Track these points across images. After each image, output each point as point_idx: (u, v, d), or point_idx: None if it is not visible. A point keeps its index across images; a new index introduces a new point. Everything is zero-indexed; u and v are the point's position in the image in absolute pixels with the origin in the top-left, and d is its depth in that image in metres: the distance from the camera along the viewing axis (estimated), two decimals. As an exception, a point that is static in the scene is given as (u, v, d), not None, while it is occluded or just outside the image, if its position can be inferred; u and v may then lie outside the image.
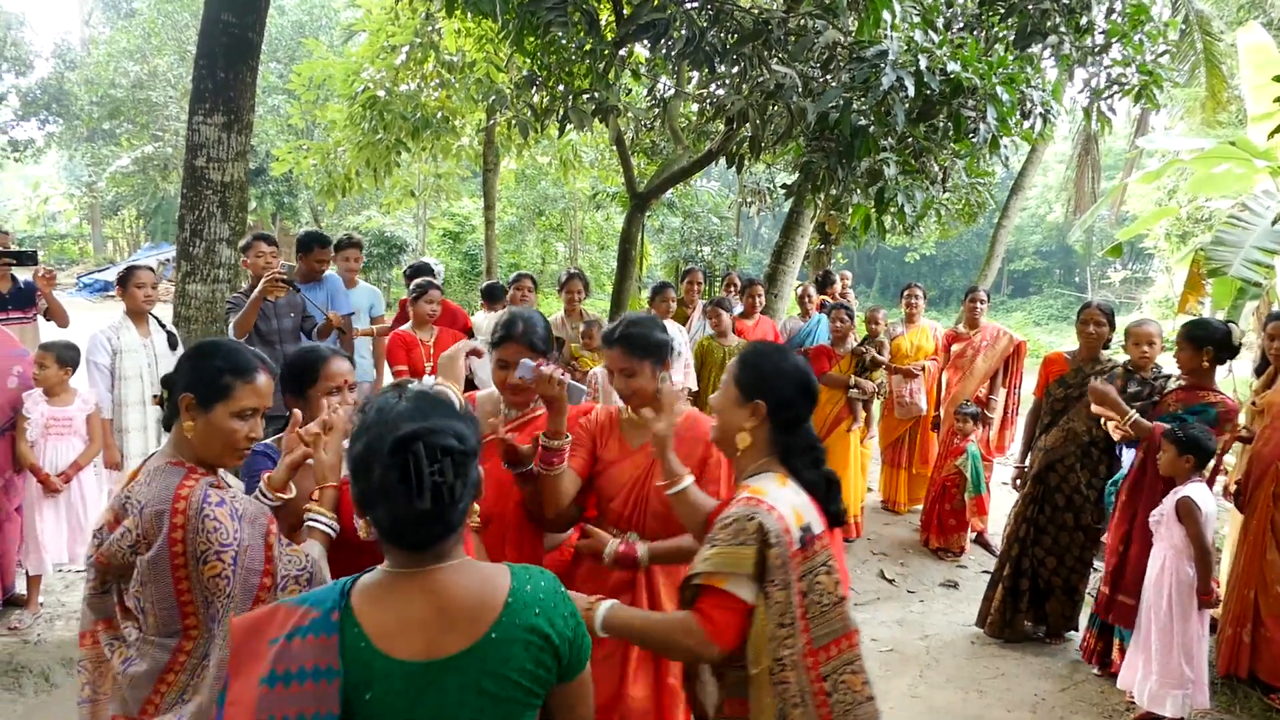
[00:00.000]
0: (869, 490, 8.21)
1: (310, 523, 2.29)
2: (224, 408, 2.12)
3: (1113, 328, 5.27)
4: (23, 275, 5.87)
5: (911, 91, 5.00)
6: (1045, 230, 44.82)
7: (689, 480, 2.52)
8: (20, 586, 5.08)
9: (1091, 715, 4.52)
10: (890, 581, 6.45)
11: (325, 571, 2.19)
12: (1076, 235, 23.10)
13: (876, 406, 7.78)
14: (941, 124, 5.88)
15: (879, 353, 7.24)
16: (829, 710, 2.15)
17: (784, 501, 2.17)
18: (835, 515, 2.31)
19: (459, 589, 1.56)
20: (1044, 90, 5.88)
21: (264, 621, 1.53)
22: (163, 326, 5.40)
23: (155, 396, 2.12)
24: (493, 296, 7.48)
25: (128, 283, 5.24)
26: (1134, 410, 4.59)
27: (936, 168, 6.61)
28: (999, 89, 5.26)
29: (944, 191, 7.59)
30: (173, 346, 5.34)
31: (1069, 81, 7.07)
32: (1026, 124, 6.10)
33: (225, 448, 2.16)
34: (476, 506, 2.71)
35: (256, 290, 5.28)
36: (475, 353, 2.80)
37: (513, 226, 27.85)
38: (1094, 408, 4.79)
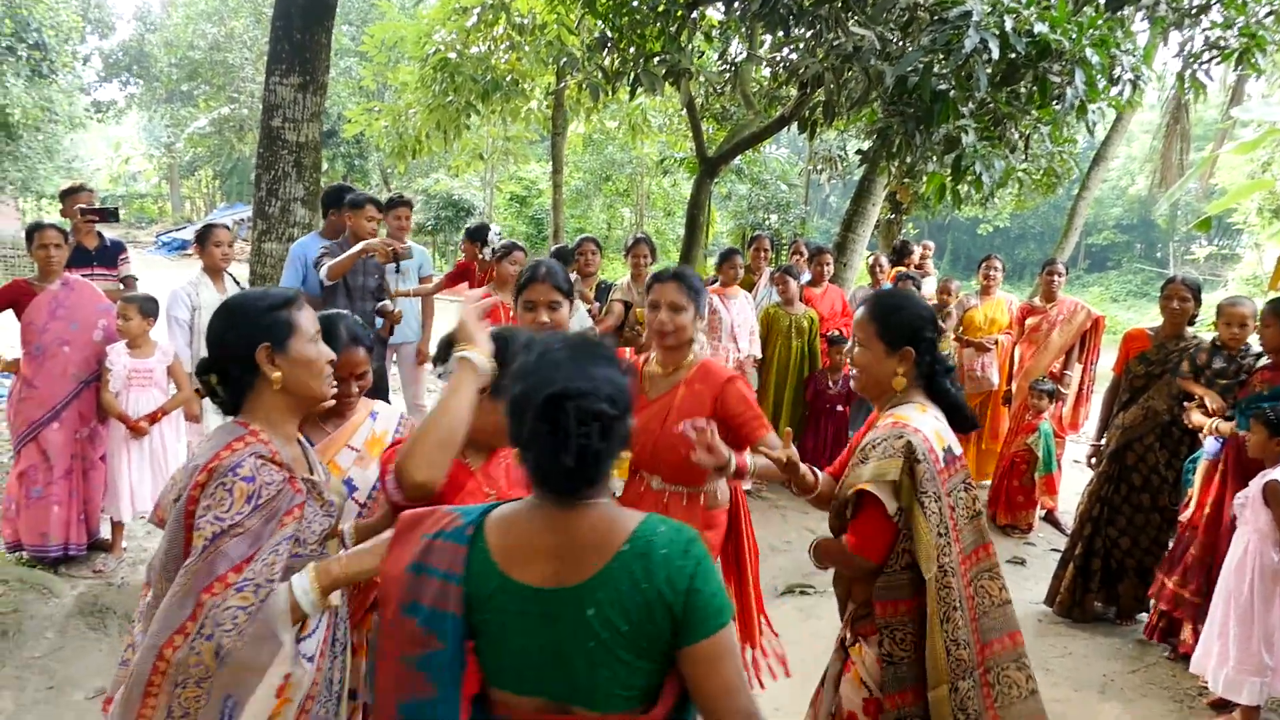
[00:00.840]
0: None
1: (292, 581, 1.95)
2: (296, 339, 2.03)
3: (1198, 304, 5.08)
4: (109, 233, 6.00)
5: (996, 54, 4.84)
6: (1127, 203, 43.45)
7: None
8: (105, 532, 5.25)
9: (1162, 698, 4.40)
10: (956, 557, 6.34)
11: (275, 620, 1.86)
12: (1161, 208, 22.39)
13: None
14: (1026, 89, 5.69)
15: (943, 323, 7.08)
16: (974, 610, 2.43)
17: (927, 426, 2.41)
18: (970, 421, 2.59)
19: (586, 525, 1.60)
20: (1135, 54, 5.65)
21: (425, 516, 1.71)
22: (238, 284, 5.50)
23: (197, 390, 1.99)
24: (562, 259, 7.47)
25: (206, 240, 5.34)
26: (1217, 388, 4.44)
27: (1017, 135, 6.41)
28: (1089, 51, 5.06)
29: (1024, 160, 7.37)
30: None
31: (1162, 44, 6.79)
32: (1115, 90, 5.88)
33: (314, 376, 2.07)
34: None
35: (361, 246, 5.33)
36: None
37: (579, 191, 27.86)
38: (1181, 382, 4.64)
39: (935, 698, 2.34)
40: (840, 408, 7.21)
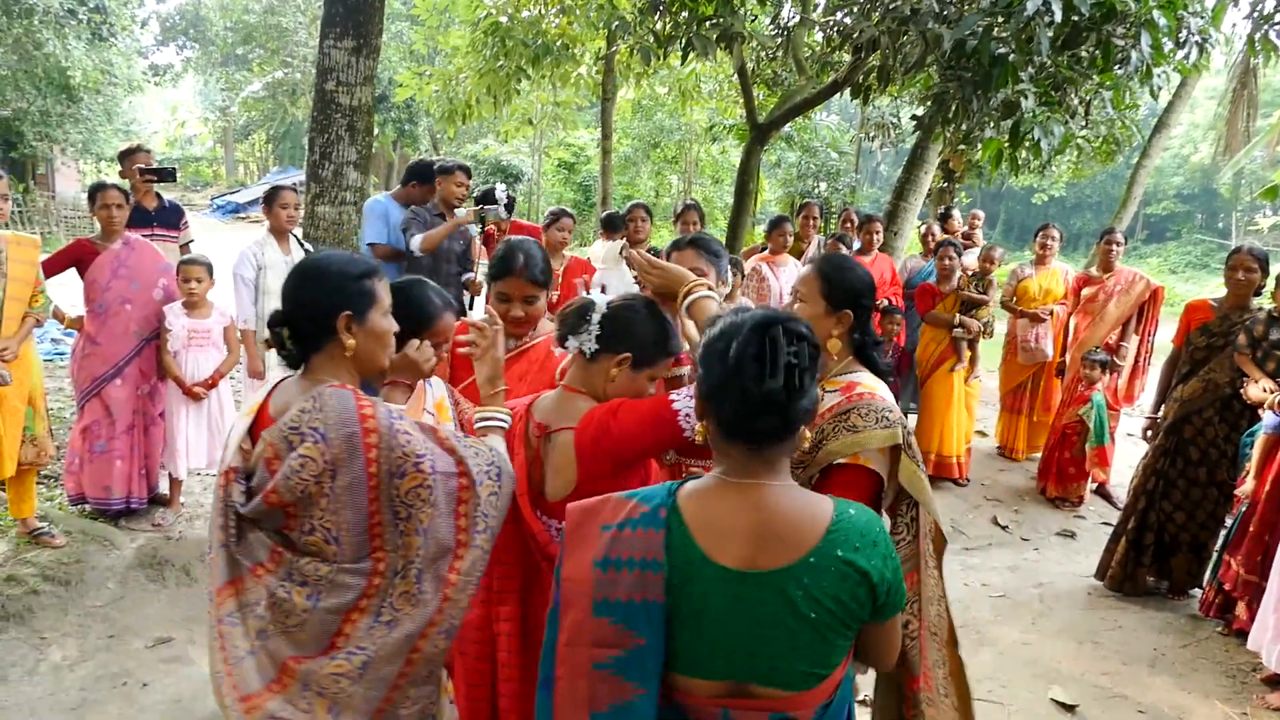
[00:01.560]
0: (981, 434, 8.00)
1: (484, 423, 2.22)
2: (374, 311, 2.07)
3: (1265, 275, 4.94)
4: (169, 195, 6.10)
5: (1059, 17, 4.73)
6: (1188, 172, 42.33)
7: None
8: (163, 487, 5.39)
9: (1214, 673, 4.35)
10: (1004, 528, 6.30)
11: (508, 461, 2.12)
12: (1225, 177, 21.77)
13: (987, 346, 7.51)
14: (1088, 52, 5.56)
15: (984, 291, 6.97)
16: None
17: (883, 391, 2.43)
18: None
19: (783, 508, 1.59)
20: (1203, 16, 5.49)
21: (598, 508, 1.67)
22: (302, 245, 5.58)
23: (266, 340, 1.96)
24: (612, 226, 7.46)
25: (272, 202, 5.41)
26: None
27: (1078, 101, 6.27)
28: (1155, 13, 4.93)
29: (1084, 126, 7.20)
30: None
31: (1232, 5, 6.58)
32: (1181, 53, 5.73)
33: (382, 348, 2.11)
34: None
35: (456, 221, 5.50)
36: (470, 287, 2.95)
37: (627, 158, 27.75)
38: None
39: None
40: (890, 380, 7.15)
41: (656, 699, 1.59)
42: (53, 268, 4.93)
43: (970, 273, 7.09)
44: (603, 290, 2.93)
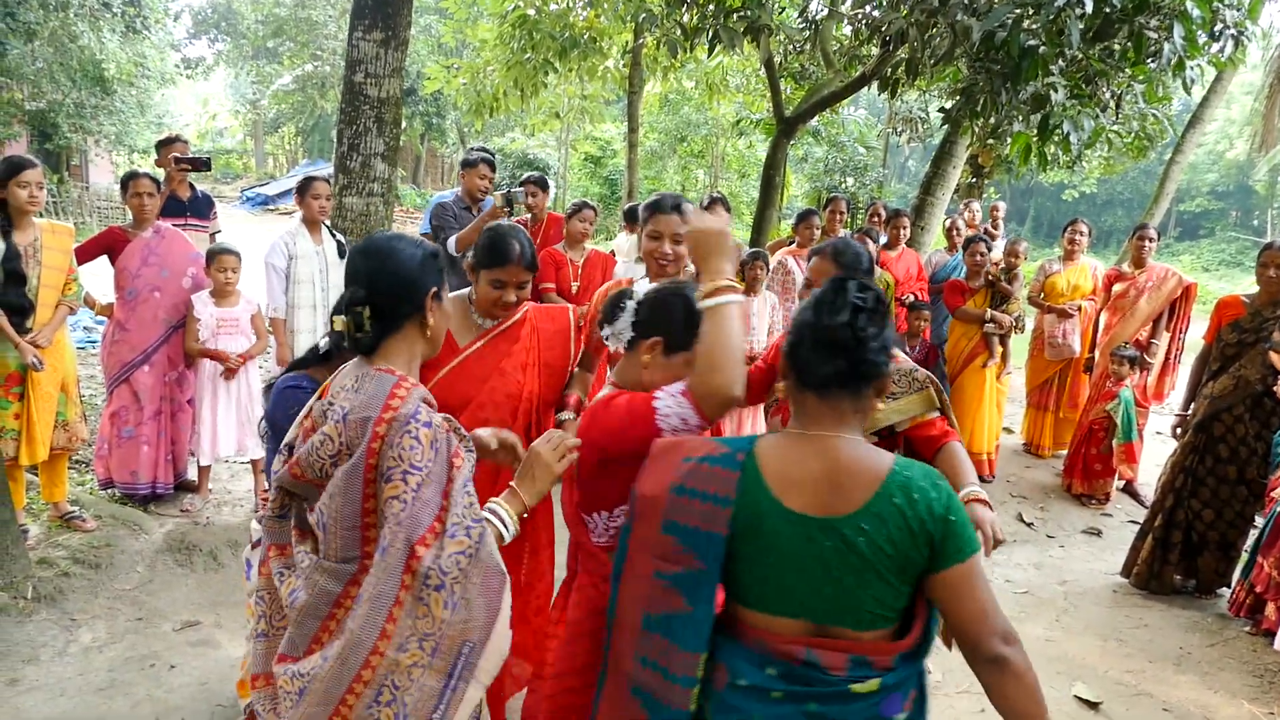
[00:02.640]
0: (1008, 431, 7.95)
1: (489, 512, 2.01)
2: (445, 292, 2.09)
3: (1297, 271, 4.87)
4: (201, 186, 6.17)
5: (1089, 8, 4.69)
6: (1223, 168, 41.74)
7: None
8: (191, 473, 5.45)
9: (1241, 673, 4.31)
10: (1029, 525, 6.26)
11: (495, 554, 1.85)
12: (1260, 173, 21.46)
13: (1017, 342, 7.46)
14: (1120, 44, 5.50)
15: (1009, 284, 6.91)
16: None
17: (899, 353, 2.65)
18: None
19: (849, 458, 1.72)
20: (1239, 8, 5.41)
21: (682, 442, 1.88)
22: (334, 235, 5.63)
23: (344, 321, 1.81)
24: (634, 218, 7.46)
25: (305, 192, 5.47)
26: None
27: (1109, 94, 6.20)
28: (1189, 4, 4.86)
29: (1115, 120, 7.12)
30: (341, 255, 5.56)
31: (1268, -1, 6.49)
32: (1216, 46, 5.65)
33: (444, 330, 2.10)
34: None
35: (485, 215, 5.59)
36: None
37: (654, 152, 27.70)
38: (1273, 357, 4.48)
39: None
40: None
41: (709, 623, 1.74)
42: (84, 255, 5.00)
43: (997, 266, 7.03)
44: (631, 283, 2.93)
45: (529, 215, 5.92)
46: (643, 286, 2.38)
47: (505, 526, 1.99)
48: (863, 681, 1.68)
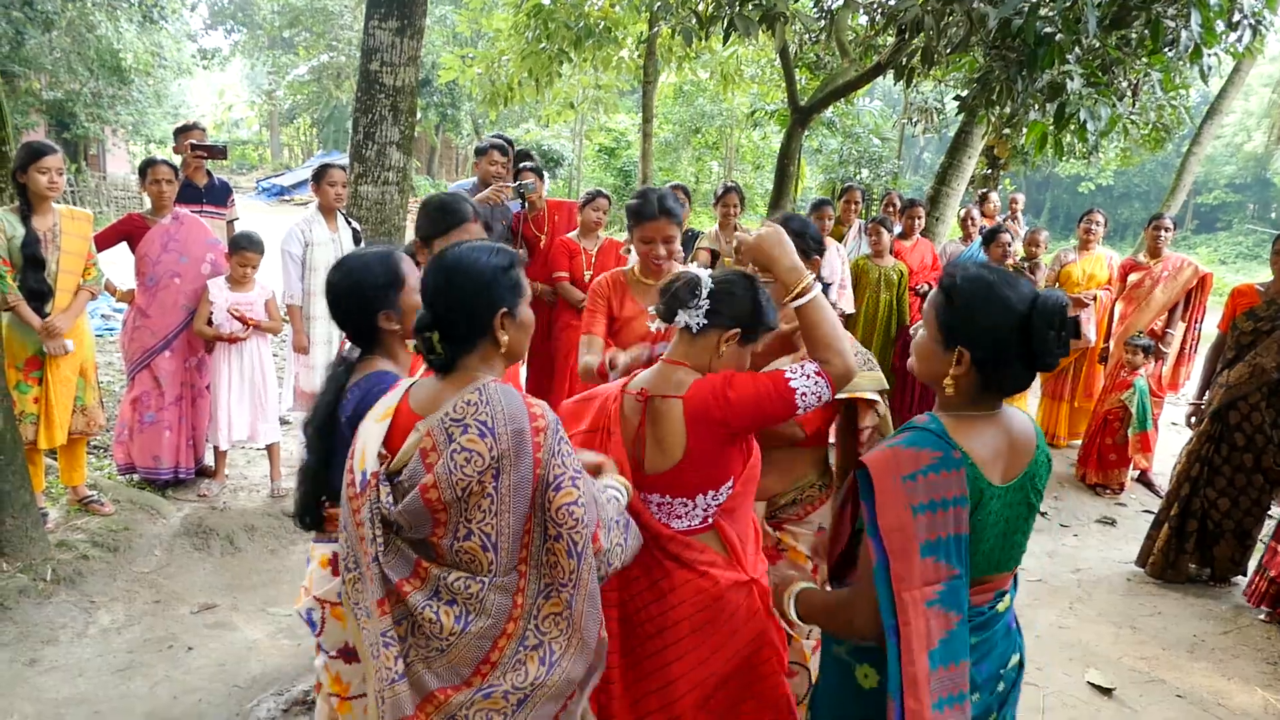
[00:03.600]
0: (1026, 422, 7.93)
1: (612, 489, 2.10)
2: (523, 302, 2.00)
3: (1313, 260, 4.85)
4: (219, 174, 6.21)
5: (1106, -5, 4.66)
6: (1241, 160, 41.39)
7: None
8: (208, 459, 5.50)
9: (1255, 660, 4.30)
10: (1043, 514, 6.25)
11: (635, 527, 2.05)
12: (1278, 164, 21.25)
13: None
14: (1137, 33, 5.46)
15: (1032, 274, 6.88)
16: None
17: None
18: None
19: (1018, 427, 1.93)
20: (1258, -2, 5.38)
21: (891, 461, 1.82)
22: (349, 223, 5.67)
23: (419, 346, 1.78)
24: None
25: (321, 179, 5.52)
26: None
27: (1126, 83, 6.16)
28: (1207, -8, 4.83)
29: (1132, 109, 7.08)
30: (356, 241, 5.62)
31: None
32: (1234, 36, 5.61)
33: (527, 337, 2.05)
34: None
35: (484, 194, 5.54)
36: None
37: (668, 143, 27.68)
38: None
39: None
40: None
41: (965, 622, 1.81)
42: (103, 242, 5.04)
43: (1014, 258, 7.01)
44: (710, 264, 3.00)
45: (519, 199, 5.93)
46: (706, 273, 2.35)
47: (623, 496, 2.11)
48: (1001, 601, 1.96)
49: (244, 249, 5.18)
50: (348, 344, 2.43)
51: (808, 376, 2.21)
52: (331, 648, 2.25)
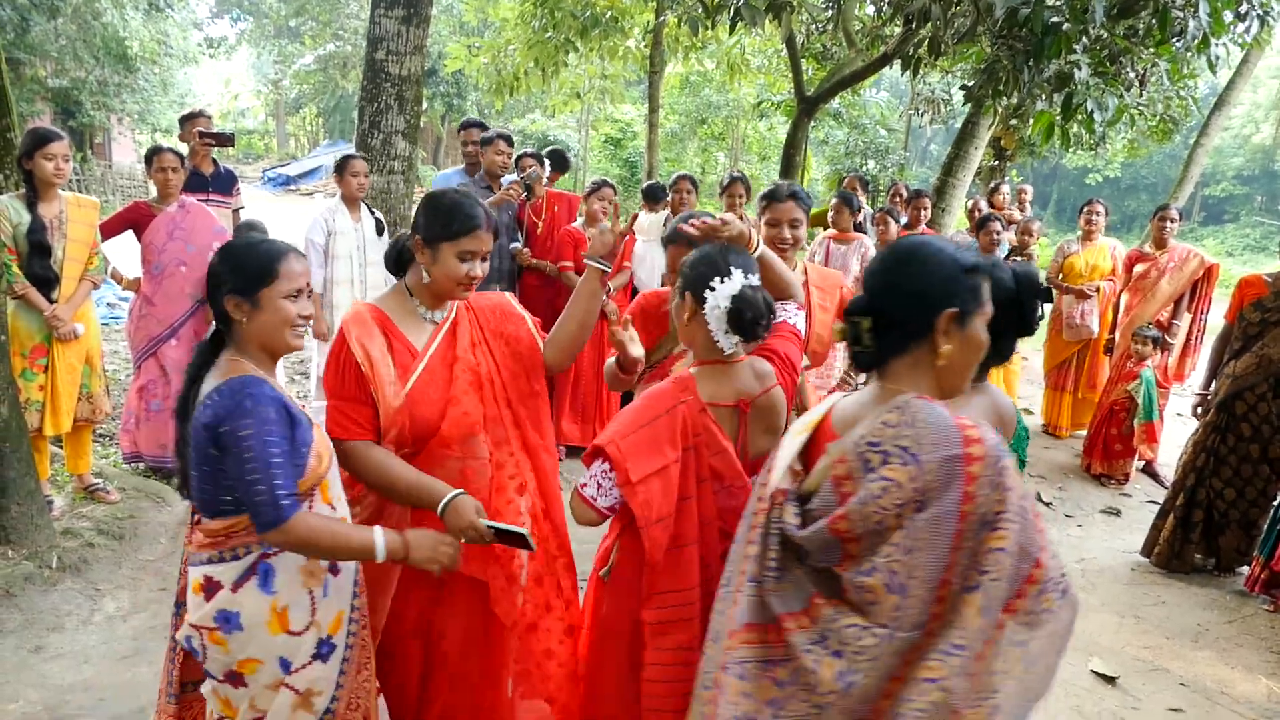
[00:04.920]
0: (1027, 412, 7.92)
1: None
2: (980, 316, 1.75)
3: (1321, 250, 4.83)
4: (225, 163, 6.22)
5: (1114, -16, 4.64)
6: (1249, 153, 41.17)
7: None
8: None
9: (1259, 650, 4.31)
10: (1047, 505, 6.24)
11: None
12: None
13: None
14: (1144, 23, 5.44)
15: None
16: None
17: None
18: None
19: (999, 401, 2.19)
20: (1266, -13, 5.35)
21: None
22: (373, 213, 5.70)
23: (844, 332, 1.70)
24: (653, 197, 7.43)
25: (343, 170, 5.56)
26: None
27: (1133, 73, 6.13)
28: (1215, -19, 4.81)
29: (1140, 100, 7.04)
30: (379, 232, 5.67)
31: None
32: (1241, 26, 5.59)
33: (973, 362, 1.73)
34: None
35: (499, 195, 5.66)
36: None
37: (674, 134, 27.58)
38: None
39: None
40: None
41: None
42: (109, 230, 5.04)
43: (1011, 246, 7.00)
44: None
45: (526, 192, 5.93)
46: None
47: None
48: None
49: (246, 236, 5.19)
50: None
51: (790, 313, 2.56)
52: (218, 672, 2.14)
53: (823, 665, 1.52)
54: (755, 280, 2.31)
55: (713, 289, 2.25)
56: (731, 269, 2.27)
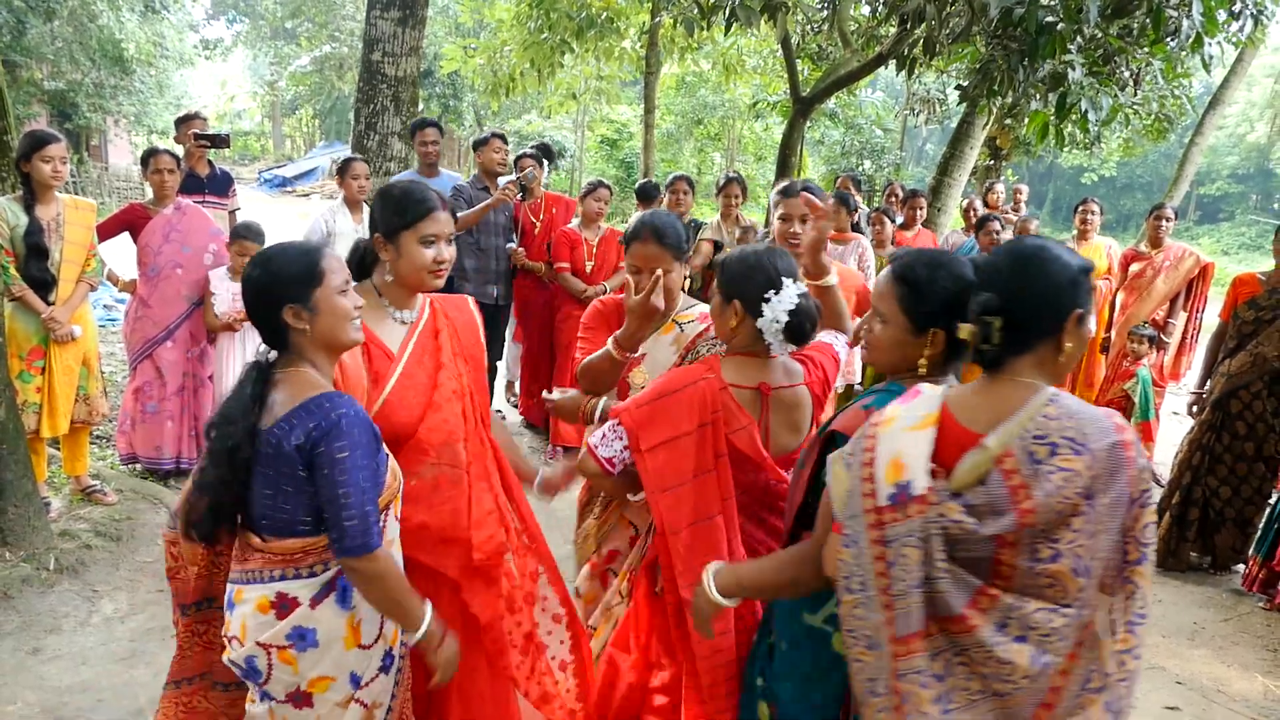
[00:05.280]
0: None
1: None
2: (1087, 314, 1.81)
3: (1316, 249, 4.85)
4: (221, 165, 6.21)
5: (1108, -16, 4.65)
6: (1243, 151, 41.29)
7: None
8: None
9: (1255, 648, 4.32)
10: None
11: None
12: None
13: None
14: (1138, 22, 5.45)
15: None
16: None
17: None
18: None
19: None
20: (1260, -13, 5.37)
21: (863, 422, 1.79)
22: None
23: (970, 330, 1.76)
24: (646, 196, 7.40)
25: (345, 173, 5.58)
26: None
27: (1127, 72, 6.15)
28: (1208, -19, 4.83)
29: (1134, 99, 7.06)
30: None
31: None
32: (1235, 26, 5.60)
33: (1076, 358, 1.84)
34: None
35: (491, 201, 5.60)
36: None
37: (670, 135, 27.62)
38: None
39: None
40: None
41: None
42: (105, 232, 5.04)
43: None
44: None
45: (521, 192, 5.93)
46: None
47: None
48: None
49: (243, 238, 5.18)
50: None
51: (839, 343, 2.63)
52: (281, 693, 2.07)
53: (1013, 652, 1.59)
54: (802, 285, 2.34)
55: (768, 300, 2.27)
56: (781, 276, 2.30)
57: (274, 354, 2.10)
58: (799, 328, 2.28)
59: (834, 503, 1.76)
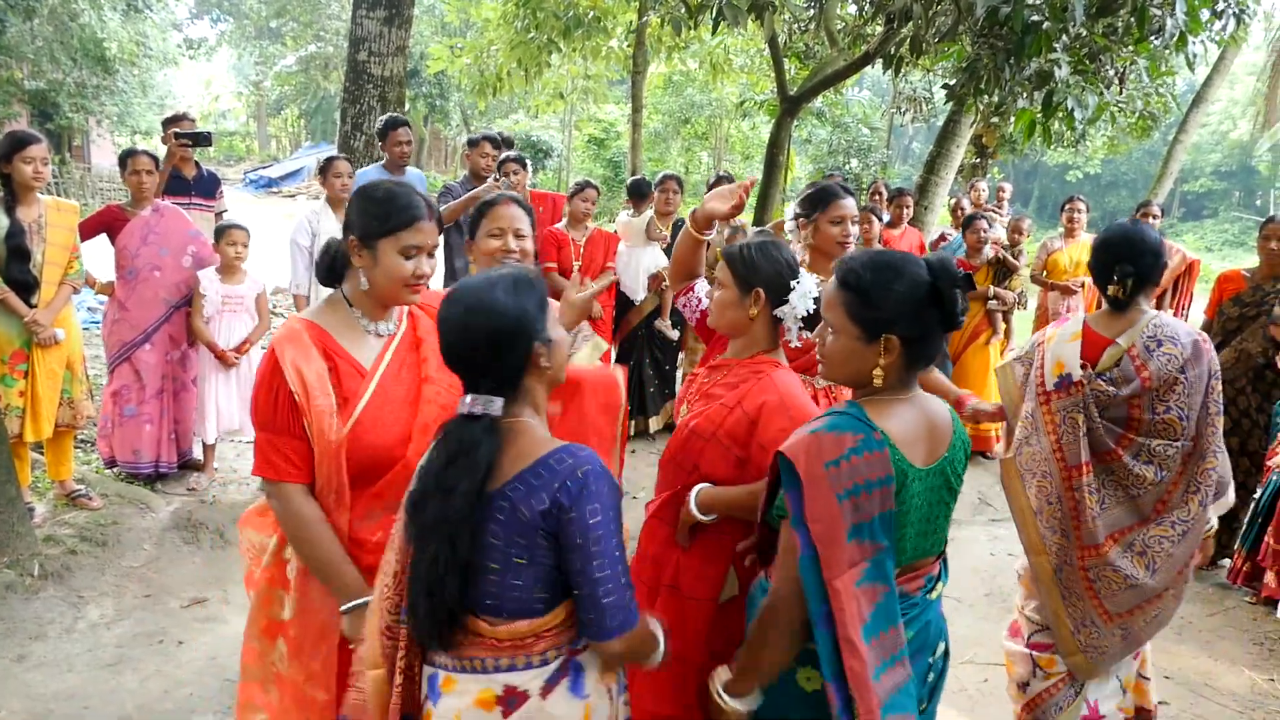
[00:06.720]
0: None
1: None
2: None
3: (1299, 245, 4.88)
4: (206, 165, 6.16)
5: (1093, -17, 4.67)
6: (1227, 148, 41.57)
7: None
8: (197, 452, 5.46)
9: (1241, 641, 4.34)
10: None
11: None
12: (1262, 150, 21.38)
13: (1017, 318, 7.46)
14: (1123, 21, 5.47)
15: (1015, 260, 6.91)
16: None
17: None
18: None
19: (932, 409, 1.96)
20: (1242, -14, 5.40)
21: (814, 447, 1.78)
22: None
23: (1117, 286, 2.49)
24: (639, 193, 7.35)
25: (327, 172, 5.54)
26: None
27: (1112, 70, 6.17)
28: (1192, -20, 4.85)
29: (1119, 97, 7.10)
30: None
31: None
32: (1218, 25, 5.64)
33: None
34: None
35: (477, 191, 5.54)
36: None
37: (657, 134, 27.62)
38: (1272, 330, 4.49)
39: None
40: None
41: (894, 588, 1.84)
42: (82, 234, 4.94)
43: (998, 244, 7.04)
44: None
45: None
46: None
47: None
48: (933, 589, 2.03)
49: (228, 229, 5.16)
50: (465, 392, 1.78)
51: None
52: None
53: (1143, 470, 2.61)
54: (815, 276, 2.46)
55: (792, 290, 2.38)
56: (795, 268, 2.42)
57: (490, 401, 1.74)
58: (816, 317, 2.32)
59: (1006, 387, 2.87)
